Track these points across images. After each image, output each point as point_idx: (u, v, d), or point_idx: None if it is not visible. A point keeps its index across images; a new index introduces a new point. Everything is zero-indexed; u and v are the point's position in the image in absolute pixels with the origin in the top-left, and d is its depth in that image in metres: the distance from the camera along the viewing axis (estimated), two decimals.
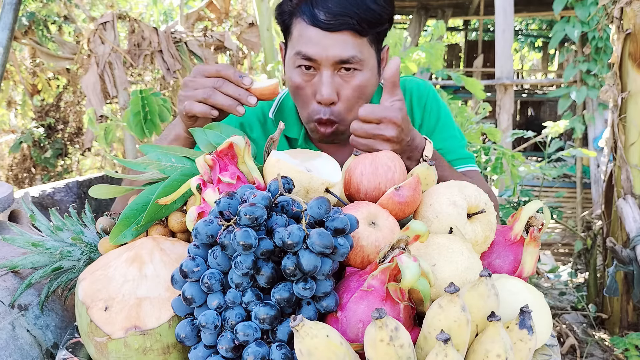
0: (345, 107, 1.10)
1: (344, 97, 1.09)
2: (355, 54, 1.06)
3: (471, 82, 2.79)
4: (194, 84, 0.99)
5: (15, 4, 2.32)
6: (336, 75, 1.08)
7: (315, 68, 1.08)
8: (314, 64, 1.07)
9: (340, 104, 1.10)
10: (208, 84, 0.98)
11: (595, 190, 5.82)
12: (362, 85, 1.09)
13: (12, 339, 0.82)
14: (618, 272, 2.76)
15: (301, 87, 1.11)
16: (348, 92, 1.09)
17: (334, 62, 1.06)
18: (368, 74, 1.10)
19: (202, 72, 1.00)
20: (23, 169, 5.81)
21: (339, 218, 0.64)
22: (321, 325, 0.57)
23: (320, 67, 1.07)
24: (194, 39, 4.85)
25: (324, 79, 1.07)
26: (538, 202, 0.79)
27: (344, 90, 1.09)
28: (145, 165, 0.85)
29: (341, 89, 1.09)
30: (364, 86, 1.10)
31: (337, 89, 1.08)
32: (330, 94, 1.07)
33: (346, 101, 1.10)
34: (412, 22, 8.14)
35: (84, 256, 0.86)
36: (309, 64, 1.07)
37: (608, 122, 2.92)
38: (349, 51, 1.05)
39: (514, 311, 0.66)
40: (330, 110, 1.10)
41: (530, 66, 15.59)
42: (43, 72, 5.55)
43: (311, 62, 1.07)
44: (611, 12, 2.76)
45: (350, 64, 1.06)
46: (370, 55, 1.10)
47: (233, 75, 0.98)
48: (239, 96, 0.98)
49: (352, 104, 1.10)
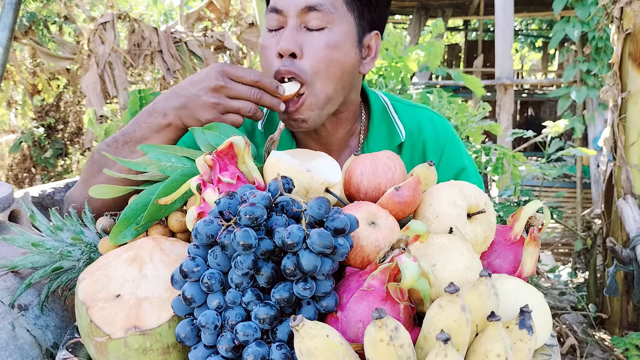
0: (312, 66, 0.97)
1: (311, 52, 0.97)
2: (324, 2, 0.96)
3: (471, 80, 2.79)
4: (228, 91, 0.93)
5: (15, 4, 2.32)
6: (302, 30, 0.98)
7: (283, 25, 0.99)
8: (280, 19, 0.99)
9: (306, 60, 0.97)
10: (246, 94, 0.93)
11: (595, 190, 5.82)
12: (331, 43, 0.97)
13: (12, 339, 0.82)
14: (618, 272, 2.76)
15: (266, 46, 1.01)
16: (314, 47, 0.97)
17: (299, 9, 0.96)
18: (340, 35, 0.99)
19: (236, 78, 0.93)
20: (23, 169, 5.81)
21: (339, 218, 0.64)
22: (321, 325, 0.57)
23: (286, 20, 0.98)
24: (194, 39, 4.85)
25: (286, 30, 0.97)
26: (538, 202, 0.79)
27: (308, 47, 0.97)
28: (145, 165, 0.85)
29: (305, 46, 0.97)
30: (333, 46, 0.98)
31: (301, 43, 0.97)
32: (289, 43, 0.96)
33: (313, 58, 0.97)
34: (412, 22, 8.14)
35: (84, 256, 0.87)
36: (275, 20, 0.99)
37: (608, 122, 2.92)
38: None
39: (514, 311, 0.66)
40: (293, 63, 0.97)
41: (530, 66, 15.59)
42: (43, 72, 5.55)
43: (278, 16, 0.98)
44: (611, 12, 2.77)
45: (318, 12, 0.96)
46: (344, 17, 1.00)
47: (270, 85, 0.93)
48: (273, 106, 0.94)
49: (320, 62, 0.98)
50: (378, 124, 1.18)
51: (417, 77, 6.46)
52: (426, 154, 1.19)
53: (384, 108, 1.20)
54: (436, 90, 2.69)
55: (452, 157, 1.19)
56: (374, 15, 1.06)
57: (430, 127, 1.20)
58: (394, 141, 1.17)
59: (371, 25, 1.07)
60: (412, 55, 2.68)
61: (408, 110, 1.22)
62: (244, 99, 0.94)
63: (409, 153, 1.18)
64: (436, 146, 1.19)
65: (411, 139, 1.18)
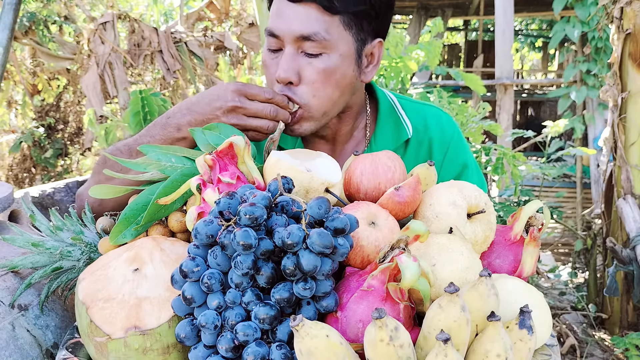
0: (309, 91, 1.00)
1: (307, 79, 0.99)
2: (319, 31, 0.96)
3: (471, 78, 2.79)
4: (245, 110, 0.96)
5: (15, 4, 2.32)
6: (299, 56, 0.99)
7: (281, 48, 1.01)
8: (279, 43, 1.00)
9: (304, 87, 1.00)
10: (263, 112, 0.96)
11: (595, 190, 5.82)
12: (327, 69, 0.99)
13: (12, 339, 0.82)
14: (618, 272, 2.76)
15: (267, 66, 1.04)
16: (311, 74, 0.99)
17: (294, 37, 0.97)
18: (337, 59, 0.99)
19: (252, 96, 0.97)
20: (23, 169, 5.81)
21: (339, 218, 0.64)
22: (321, 325, 0.57)
23: (283, 44, 0.99)
24: (194, 39, 4.85)
25: (283, 57, 0.99)
26: (538, 202, 0.79)
27: (306, 72, 0.99)
28: (145, 165, 0.85)
29: (303, 71, 0.99)
30: (330, 71, 0.99)
31: (298, 69, 0.99)
32: (287, 72, 0.98)
33: (310, 84, 0.99)
34: (412, 22, 8.14)
35: (84, 256, 0.87)
36: (274, 43, 1.00)
37: (608, 122, 2.92)
38: (312, 26, 0.96)
39: (514, 311, 0.66)
40: (291, 90, 1.00)
41: (530, 66, 15.59)
42: (43, 72, 5.55)
43: (276, 40, 1.00)
44: (611, 12, 2.77)
45: (312, 41, 0.96)
46: (341, 38, 0.99)
47: (282, 101, 0.97)
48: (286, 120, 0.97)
49: (317, 88, 1.00)
50: (385, 120, 1.19)
51: (417, 77, 6.46)
52: (432, 151, 1.20)
53: (391, 105, 1.21)
54: (436, 90, 2.68)
55: (456, 154, 1.21)
56: (374, 24, 1.05)
57: (436, 124, 1.21)
58: (401, 137, 1.18)
59: (373, 34, 1.06)
60: (412, 55, 2.68)
61: (415, 108, 1.23)
62: (261, 116, 0.97)
63: (415, 149, 1.20)
64: (442, 143, 1.20)
65: (418, 136, 1.20)
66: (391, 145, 1.18)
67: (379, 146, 1.17)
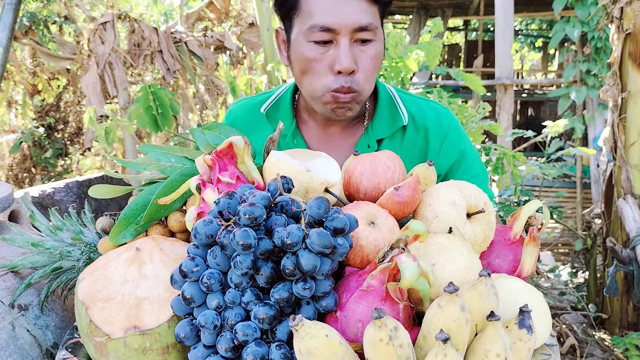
0: (364, 78, 1.08)
1: (362, 67, 1.07)
2: (372, 21, 1.05)
3: (470, 78, 2.79)
4: None
5: (15, 4, 2.32)
6: (353, 46, 1.06)
7: (332, 40, 1.05)
8: (331, 36, 1.05)
9: (360, 74, 1.07)
10: None
11: (595, 190, 5.82)
12: (377, 55, 1.08)
13: (12, 339, 0.82)
14: (618, 272, 2.76)
15: (317, 59, 1.07)
16: (366, 62, 1.07)
17: (352, 29, 1.04)
18: (380, 45, 1.09)
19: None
20: (23, 169, 5.81)
21: (339, 218, 0.64)
22: (320, 325, 0.57)
23: (337, 37, 1.04)
24: (194, 39, 4.85)
25: (342, 49, 1.04)
26: (537, 202, 0.79)
27: (361, 61, 1.07)
28: (145, 165, 0.85)
29: (359, 60, 1.07)
30: (379, 57, 1.09)
31: (355, 59, 1.06)
32: (350, 63, 1.04)
33: (364, 71, 1.08)
34: (412, 22, 8.13)
35: (83, 256, 0.87)
36: (325, 36, 1.05)
37: (608, 122, 2.92)
38: (366, 18, 1.04)
39: (514, 311, 0.66)
40: (351, 79, 1.07)
41: (530, 66, 15.59)
42: (43, 72, 5.55)
43: (329, 33, 1.04)
44: (611, 12, 2.76)
45: (367, 31, 1.04)
46: (379, 26, 1.09)
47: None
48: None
49: (369, 74, 1.09)
50: (383, 108, 1.24)
51: (417, 77, 6.46)
52: (429, 139, 1.23)
53: (390, 94, 1.26)
54: (436, 90, 2.68)
55: (454, 141, 1.24)
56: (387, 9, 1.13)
57: (434, 115, 1.25)
58: (396, 123, 1.22)
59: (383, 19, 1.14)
60: (411, 55, 2.68)
61: (413, 100, 1.28)
62: None
63: (412, 136, 1.24)
64: (439, 131, 1.23)
65: (415, 124, 1.24)
66: (387, 132, 1.22)
67: (376, 132, 1.22)
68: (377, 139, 1.21)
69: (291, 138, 1.22)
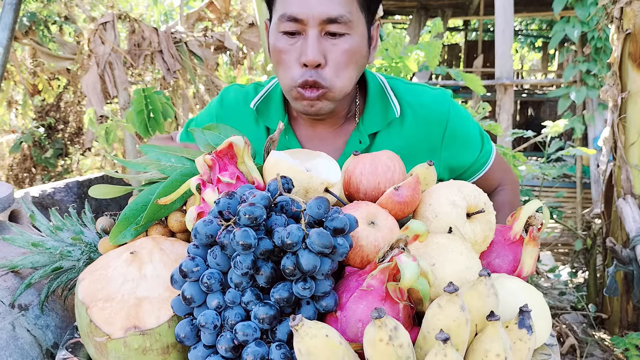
0: (334, 72, 1.02)
1: (332, 61, 1.01)
2: (344, 13, 0.98)
3: (470, 78, 2.79)
4: None
5: (16, 4, 2.32)
6: (323, 39, 1.00)
7: (301, 32, 1.01)
8: (299, 26, 1.00)
9: (328, 69, 1.01)
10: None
11: (595, 190, 5.82)
12: (351, 50, 1.01)
13: (12, 339, 0.82)
14: (618, 272, 2.76)
15: (284, 50, 1.02)
16: (336, 55, 1.01)
17: (320, 20, 0.98)
18: (357, 39, 1.02)
19: None
20: (23, 169, 5.81)
21: (338, 218, 0.64)
22: (320, 325, 0.57)
23: (306, 28, 1.00)
24: (194, 39, 4.85)
25: (309, 40, 0.99)
26: (537, 202, 0.80)
27: (331, 54, 1.01)
28: (145, 165, 0.85)
29: (328, 53, 1.01)
30: (353, 52, 1.02)
31: (323, 52, 1.00)
32: (316, 55, 0.98)
33: (334, 66, 1.01)
34: (412, 22, 8.14)
35: (83, 256, 0.87)
36: (294, 27, 1.00)
37: (608, 122, 2.91)
38: (337, 9, 0.98)
39: (513, 311, 0.66)
40: (317, 73, 1.01)
41: (530, 66, 15.59)
42: (43, 72, 5.55)
43: (296, 24, 1.00)
44: (611, 12, 2.76)
45: (338, 24, 0.99)
46: (359, 20, 1.02)
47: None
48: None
49: (340, 69, 1.02)
50: (374, 101, 1.19)
51: (417, 77, 6.46)
52: (430, 127, 1.19)
53: (380, 86, 1.22)
54: None
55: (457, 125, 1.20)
56: (376, 6, 1.09)
57: (431, 100, 1.21)
58: (388, 116, 1.19)
59: (373, 16, 1.10)
60: (411, 55, 2.68)
61: (409, 88, 1.24)
62: None
63: (412, 126, 1.19)
64: (439, 118, 1.19)
65: (414, 113, 1.20)
66: (379, 125, 1.18)
67: (367, 127, 1.18)
68: (368, 134, 1.18)
69: (283, 134, 1.18)
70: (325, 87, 1.03)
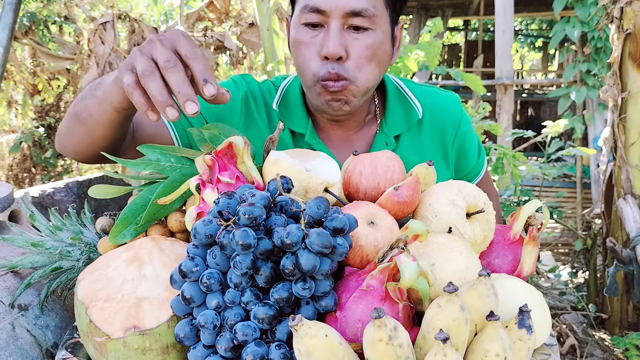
0: (356, 66, 0.99)
1: (354, 55, 0.99)
2: (368, 7, 0.96)
3: (470, 78, 2.79)
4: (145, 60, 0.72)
5: (15, 4, 2.32)
6: (345, 32, 0.98)
7: (323, 24, 0.98)
8: (321, 18, 0.98)
9: (350, 62, 0.99)
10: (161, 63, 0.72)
11: (595, 190, 5.82)
12: (374, 45, 0.99)
13: (12, 339, 0.82)
14: (618, 272, 2.76)
15: (304, 42, 1.00)
16: (358, 50, 0.98)
17: (344, 12, 0.96)
18: (380, 36, 1.00)
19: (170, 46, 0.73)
20: (23, 169, 5.81)
21: (338, 218, 0.64)
22: (320, 325, 0.57)
23: (328, 20, 0.97)
24: (194, 38, 4.85)
25: (331, 32, 0.97)
26: (537, 202, 0.80)
27: (353, 48, 0.98)
28: (145, 165, 0.85)
29: (350, 47, 0.98)
30: (376, 47, 1.00)
31: (345, 45, 0.98)
32: (337, 47, 0.96)
33: (356, 60, 0.99)
34: (412, 22, 8.14)
35: (83, 256, 0.87)
36: (316, 18, 0.98)
37: (608, 122, 2.91)
38: (361, 2, 0.96)
39: (513, 310, 0.66)
40: (339, 66, 0.98)
41: (530, 66, 15.59)
42: (43, 72, 5.55)
43: (319, 15, 0.97)
44: (611, 12, 2.76)
45: (362, 17, 0.97)
46: (383, 16, 1.01)
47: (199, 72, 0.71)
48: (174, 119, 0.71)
49: (363, 64, 0.99)
50: (394, 103, 1.18)
51: (417, 77, 6.46)
52: (445, 130, 1.20)
53: (397, 87, 1.21)
54: None
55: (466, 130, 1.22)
56: (401, 6, 1.07)
57: (446, 103, 1.21)
58: (411, 118, 1.18)
59: (397, 17, 1.08)
60: (411, 55, 2.68)
61: (424, 90, 1.23)
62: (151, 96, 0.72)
63: (428, 129, 1.19)
64: (453, 122, 1.20)
65: (430, 116, 1.20)
66: (402, 127, 1.17)
67: (391, 129, 1.16)
68: (394, 135, 1.16)
69: (310, 137, 1.14)
70: (348, 79, 1.00)
